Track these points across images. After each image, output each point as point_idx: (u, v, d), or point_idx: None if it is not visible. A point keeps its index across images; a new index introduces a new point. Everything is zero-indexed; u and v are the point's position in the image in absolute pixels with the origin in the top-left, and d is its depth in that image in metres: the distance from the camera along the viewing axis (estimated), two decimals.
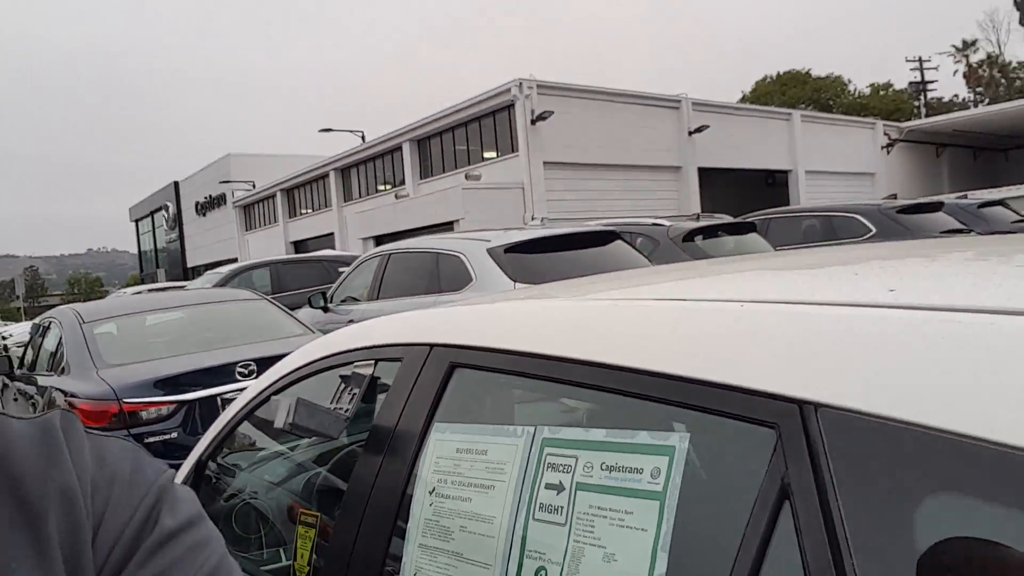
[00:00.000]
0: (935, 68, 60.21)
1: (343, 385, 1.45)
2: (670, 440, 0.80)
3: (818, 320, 0.77)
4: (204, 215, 42.17)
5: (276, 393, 1.69)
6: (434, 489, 1.10)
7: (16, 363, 6.49)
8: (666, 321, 0.93)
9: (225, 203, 39.24)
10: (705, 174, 24.30)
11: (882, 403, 0.63)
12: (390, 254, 7.47)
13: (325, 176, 30.28)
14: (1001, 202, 11.50)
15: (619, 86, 22.51)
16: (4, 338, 21.51)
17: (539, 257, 6.06)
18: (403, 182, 25.36)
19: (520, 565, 0.92)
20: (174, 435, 4.13)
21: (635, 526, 0.80)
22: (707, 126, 22.70)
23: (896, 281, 0.89)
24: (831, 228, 9.28)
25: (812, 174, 27.21)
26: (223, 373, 4.37)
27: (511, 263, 5.93)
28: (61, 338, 4.93)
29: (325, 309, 8.01)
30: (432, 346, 1.22)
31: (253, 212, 38.02)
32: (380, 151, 26.73)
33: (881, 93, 57.15)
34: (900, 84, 58.10)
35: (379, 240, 23.76)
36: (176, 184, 46.02)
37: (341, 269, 11.46)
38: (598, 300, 1.20)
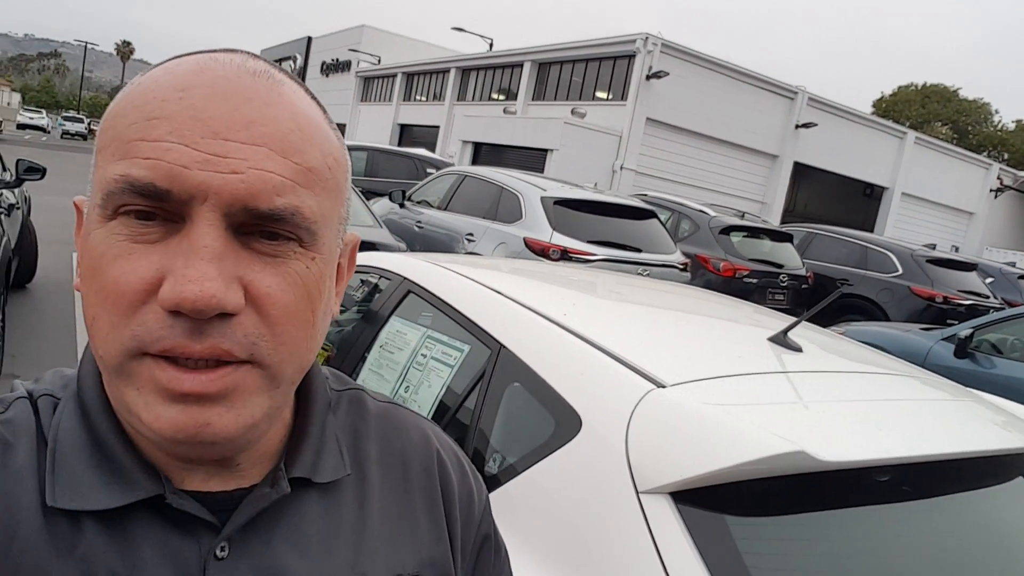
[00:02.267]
0: None
1: (365, 282, 2.66)
2: (462, 347, 1.98)
3: (518, 310, 1.92)
4: (327, 76, 43.84)
5: None
6: (384, 344, 2.31)
7: None
8: (481, 294, 2.09)
9: (349, 70, 40.75)
10: (802, 170, 24.44)
11: (519, 349, 1.79)
12: (466, 175, 8.64)
13: (446, 71, 31.32)
14: None
15: (740, 60, 22.65)
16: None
17: (581, 215, 7.14)
18: (516, 97, 26.25)
19: (404, 377, 2.13)
20: None
21: (439, 372, 2.00)
22: (815, 124, 22.77)
23: (570, 307, 2.02)
24: (864, 258, 10.00)
25: (908, 197, 26.92)
26: None
27: (556, 213, 7.05)
28: None
29: (402, 205, 9.23)
30: (403, 278, 2.41)
31: (372, 86, 39.47)
32: (502, 63, 27.59)
33: None
34: None
35: (478, 146, 24.92)
36: (309, 39, 47.67)
37: (430, 170, 12.70)
38: (463, 278, 2.34)
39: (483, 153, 24.51)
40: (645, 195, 10.76)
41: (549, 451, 1.53)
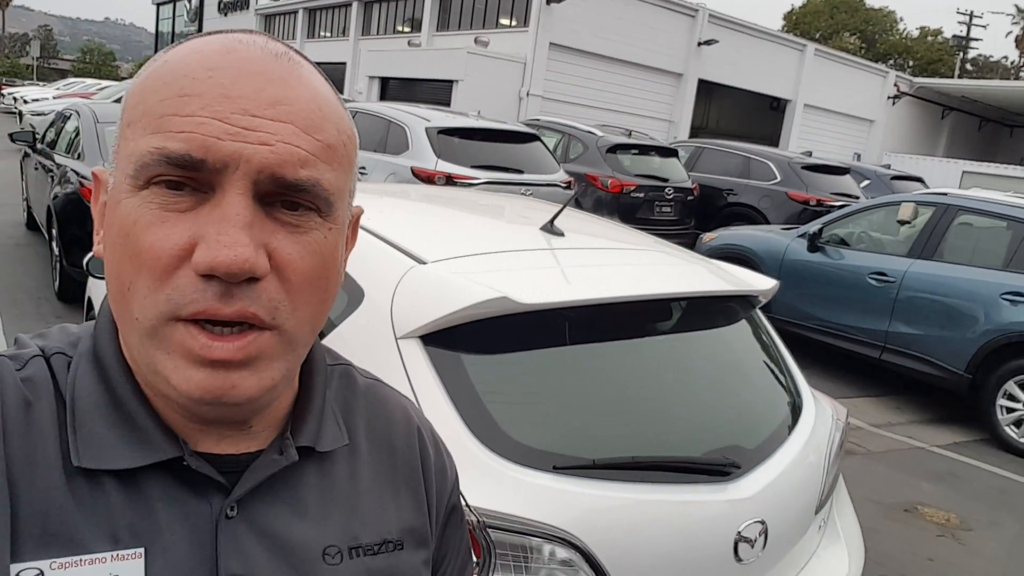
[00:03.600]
0: (984, 27, 58.76)
1: None
2: None
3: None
4: (225, 15, 42.21)
5: None
6: None
7: (39, 138, 8.00)
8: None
9: (248, 8, 39.34)
10: (708, 87, 25.06)
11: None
12: (356, 112, 8.86)
13: (348, 5, 30.62)
14: (919, 179, 12.83)
15: None
16: (25, 101, 22.71)
17: (464, 142, 7.53)
18: (421, 28, 25.98)
19: None
20: None
21: None
22: (716, 40, 23.32)
23: (377, 213, 2.44)
24: (747, 169, 10.66)
25: (811, 108, 27.90)
26: None
27: (440, 142, 7.41)
28: (79, 129, 6.44)
29: None
30: None
31: (273, 23, 38.26)
32: None
33: (929, 39, 56.10)
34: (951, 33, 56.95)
35: (384, 81, 24.71)
36: None
37: None
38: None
39: (391, 88, 24.37)
40: (537, 120, 11.15)
41: (346, 316, 1.98)
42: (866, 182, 12.28)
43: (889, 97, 30.26)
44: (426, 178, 7.06)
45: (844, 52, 33.09)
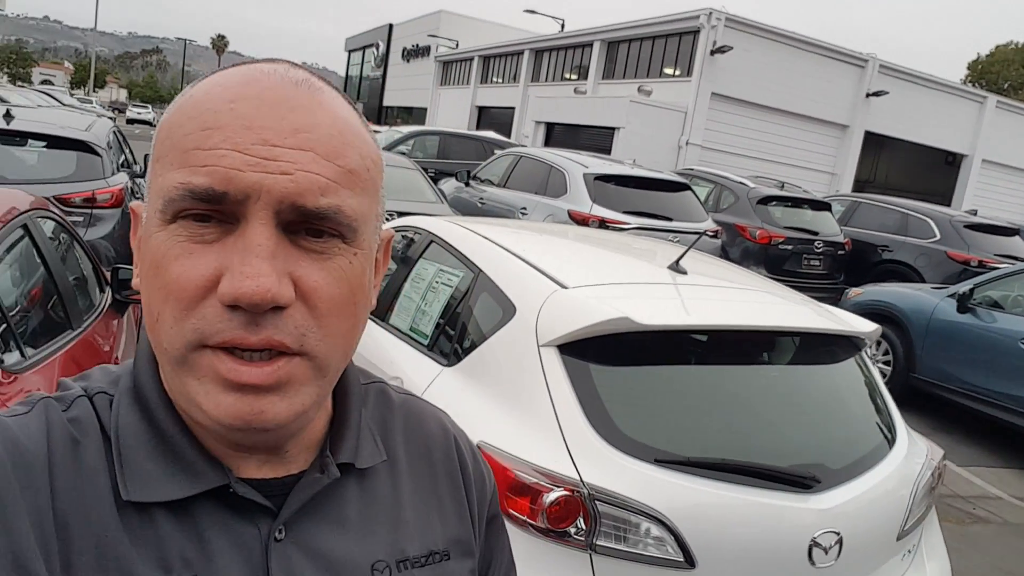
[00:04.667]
0: None
1: (405, 236, 3.65)
2: (458, 273, 2.94)
3: (493, 247, 2.85)
4: (408, 61, 45.26)
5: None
6: (412, 278, 3.28)
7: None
8: (472, 239, 3.02)
9: (428, 55, 42.02)
10: (876, 139, 24.23)
11: (489, 271, 2.72)
12: (522, 155, 9.56)
13: (520, 53, 32.13)
14: None
15: (809, 30, 22.55)
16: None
17: (619, 188, 7.99)
18: (587, 76, 26.87)
19: (424, 298, 3.10)
20: None
21: (445, 291, 2.96)
22: (886, 92, 22.58)
23: (530, 246, 2.92)
24: (905, 225, 10.43)
25: (990, 164, 26.23)
26: None
27: (596, 188, 7.91)
28: None
29: (467, 184, 10.23)
30: (431, 233, 3.36)
31: (450, 69, 40.63)
32: (572, 43, 28.25)
33: None
34: None
35: (550, 127, 25.69)
36: (391, 27, 49.21)
37: (497, 151, 13.67)
38: (463, 228, 3.26)
39: (556, 133, 25.28)
40: (691, 170, 11.44)
41: (500, 327, 2.47)
42: None
43: None
44: (581, 221, 7.56)
45: None
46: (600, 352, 2.25)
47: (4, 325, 2.17)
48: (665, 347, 2.35)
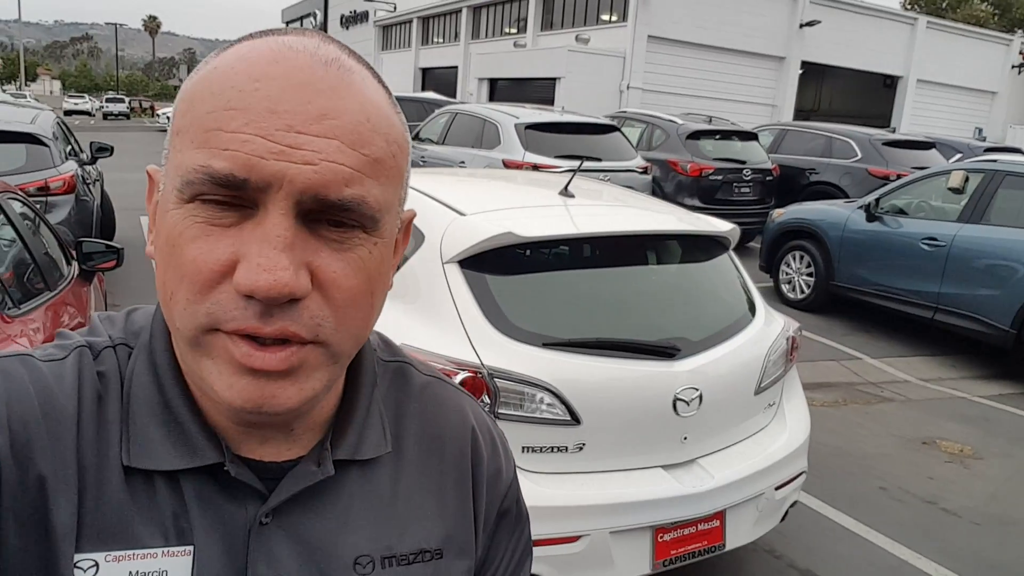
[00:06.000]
0: None
1: None
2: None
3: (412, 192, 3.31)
4: (347, 28, 44.81)
5: None
6: None
7: None
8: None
9: (367, 20, 41.70)
10: (819, 70, 24.82)
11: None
12: (457, 112, 9.94)
13: (459, 11, 32.10)
14: (1017, 149, 12.66)
15: None
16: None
17: (550, 135, 8.43)
18: (526, 30, 27.02)
19: None
20: None
21: None
22: (819, 21, 23.12)
23: (439, 185, 3.38)
24: (830, 148, 11.03)
25: (925, 84, 27.03)
26: None
27: (528, 137, 8.35)
28: None
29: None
30: None
31: (391, 33, 40.39)
32: None
33: None
34: None
35: (493, 82, 25.88)
36: None
37: (436, 110, 13.96)
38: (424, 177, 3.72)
39: (499, 88, 25.53)
40: (624, 112, 11.90)
41: (413, 252, 2.93)
42: (957, 156, 12.27)
43: (1013, 66, 28.77)
44: (515, 168, 8.01)
45: (972, 21, 31.53)
46: (494, 263, 2.73)
47: None
48: (549, 255, 2.84)
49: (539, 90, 21.52)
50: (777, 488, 2.89)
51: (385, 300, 0.65)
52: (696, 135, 10.12)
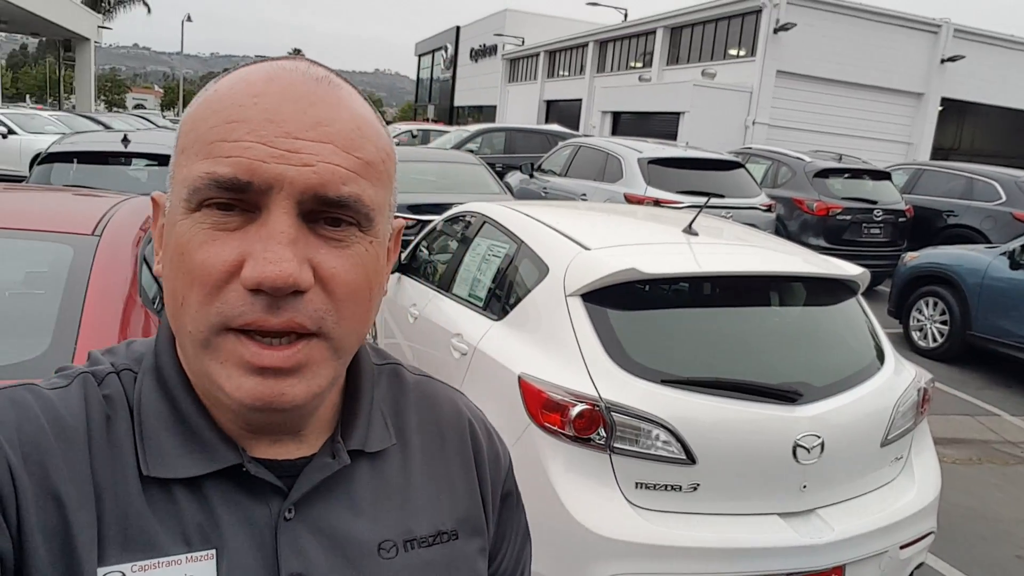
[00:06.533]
0: None
1: (461, 220, 4.23)
2: (504, 245, 3.50)
3: (535, 223, 3.40)
4: (476, 61, 46.07)
5: (445, 223, 4.54)
6: (470, 251, 3.86)
7: None
8: (516, 217, 3.58)
9: (495, 54, 42.71)
10: (960, 107, 23.54)
11: (529, 241, 3.28)
12: (581, 145, 10.06)
13: (585, 45, 32.43)
14: None
15: (873, 1, 22.03)
16: None
17: (673, 171, 8.40)
18: (651, 64, 27.02)
19: (479, 267, 3.67)
20: (411, 237, 7.17)
21: (495, 261, 3.53)
22: (962, 56, 21.96)
23: (563, 219, 3.45)
24: (971, 189, 10.43)
25: None
26: (441, 208, 7.28)
27: (651, 171, 8.35)
28: None
29: (531, 175, 10.77)
30: (484, 215, 3.93)
31: (518, 66, 41.23)
32: (636, 32, 28.41)
33: None
34: None
35: (616, 116, 25.96)
36: (458, 29, 50.13)
37: (560, 142, 14.17)
38: (510, 210, 3.81)
39: (622, 122, 25.56)
40: (749, 148, 11.68)
41: (536, 284, 3.02)
42: None
43: None
44: (636, 202, 8.01)
45: None
46: (617, 298, 2.78)
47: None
48: (672, 292, 2.86)
49: (663, 124, 21.44)
50: (902, 547, 2.76)
51: (381, 300, 0.69)
52: (824, 173, 9.82)
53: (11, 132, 15.11)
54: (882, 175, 10.18)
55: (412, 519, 0.74)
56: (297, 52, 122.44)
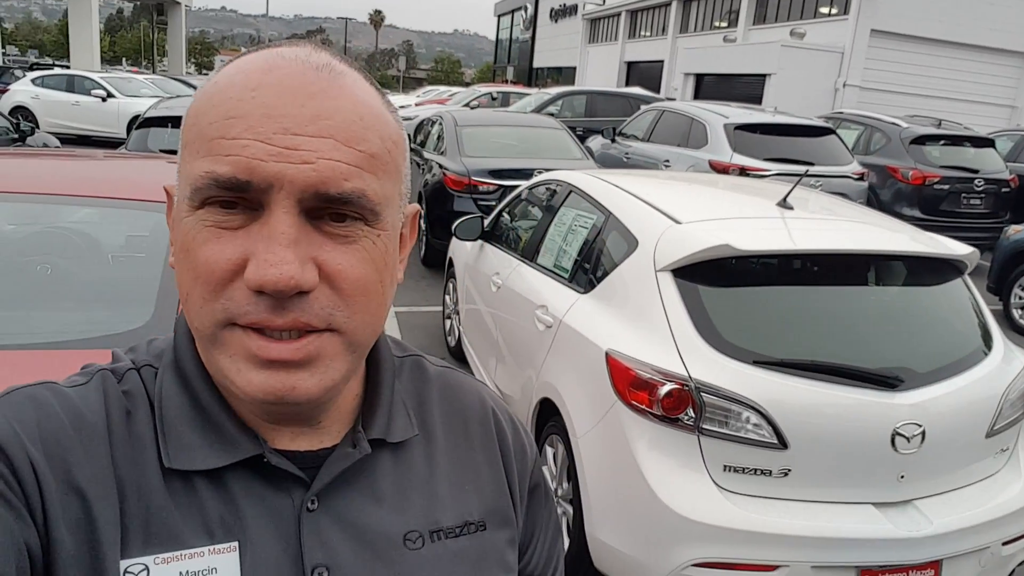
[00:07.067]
0: None
1: (548, 188, 4.18)
2: (591, 215, 3.44)
3: (621, 193, 3.33)
4: (556, 22, 45.41)
5: (529, 191, 4.50)
6: (555, 222, 3.81)
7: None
8: (602, 187, 3.51)
9: (576, 14, 41.98)
10: None
11: (617, 213, 3.21)
12: (664, 110, 9.81)
13: (668, 4, 31.56)
14: None
15: None
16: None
17: (760, 137, 8.13)
18: (737, 24, 26.09)
19: (565, 238, 3.63)
20: (492, 203, 7.17)
21: (581, 232, 3.48)
22: None
23: (652, 190, 3.36)
24: None
25: None
26: (523, 174, 7.26)
27: (737, 138, 8.10)
28: (442, 131, 8.20)
29: (613, 140, 10.61)
30: (570, 184, 3.88)
31: (598, 27, 40.44)
32: None
33: None
34: None
35: (699, 78, 25.24)
36: None
37: (643, 106, 13.88)
38: (596, 179, 3.73)
39: (705, 84, 24.84)
40: (840, 113, 11.18)
41: (625, 258, 2.96)
42: None
43: None
44: (721, 170, 7.79)
45: None
46: (709, 275, 2.70)
47: None
48: (767, 269, 2.76)
49: (747, 87, 20.73)
50: (1005, 543, 2.63)
51: (394, 291, 0.68)
52: (921, 139, 9.33)
53: (110, 96, 15.69)
54: (985, 142, 9.62)
55: (438, 510, 0.73)
56: (378, 14, 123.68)
